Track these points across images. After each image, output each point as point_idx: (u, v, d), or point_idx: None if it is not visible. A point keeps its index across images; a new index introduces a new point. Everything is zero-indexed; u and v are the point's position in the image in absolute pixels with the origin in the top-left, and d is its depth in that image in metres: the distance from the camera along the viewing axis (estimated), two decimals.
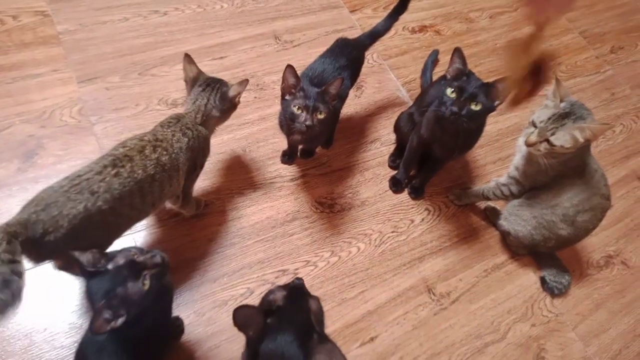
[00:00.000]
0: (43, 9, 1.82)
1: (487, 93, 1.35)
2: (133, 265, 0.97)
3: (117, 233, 1.22)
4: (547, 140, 1.32)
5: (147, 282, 0.97)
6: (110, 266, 0.97)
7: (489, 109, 1.38)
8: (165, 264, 1.02)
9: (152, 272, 0.98)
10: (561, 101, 1.33)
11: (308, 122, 1.33)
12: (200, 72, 1.38)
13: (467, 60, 1.41)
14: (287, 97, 1.38)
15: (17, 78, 1.65)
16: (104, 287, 0.95)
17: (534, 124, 1.37)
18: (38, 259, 1.12)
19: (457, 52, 1.39)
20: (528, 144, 1.36)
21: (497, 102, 1.37)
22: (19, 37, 1.74)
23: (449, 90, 1.37)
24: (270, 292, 1.02)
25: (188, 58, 1.37)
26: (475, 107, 1.34)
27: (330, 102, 1.39)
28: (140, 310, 0.97)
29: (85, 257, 0.97)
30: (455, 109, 1.34)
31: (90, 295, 0.97)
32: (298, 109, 1.34)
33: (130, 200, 1.14)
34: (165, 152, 1.20)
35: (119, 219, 1.16)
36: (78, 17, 1.84)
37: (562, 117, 1.30)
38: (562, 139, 1.30)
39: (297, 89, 1.36)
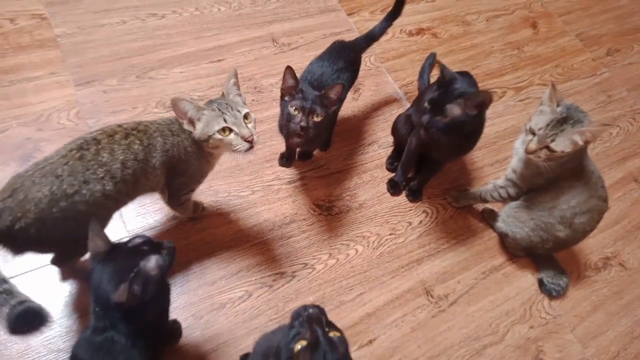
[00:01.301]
0: (40, 12, 1.82)
1: (462, 104, 1.34)
2: (151, 244, 1.03)
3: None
4: (547, 147, 1.32)
5: (167, 259, 1.02)
6: (129, 244, 1.03)
7: (460, 122, 1.35)
8: (175, 250, 1.06)
9: (168, 251, 1.04)
10: (557, 106, 1.34)
11: (303, 123, 1.33)
12: (226, 93, 1.25)
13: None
14: (286, 98, 1.38)
15: (14, 81, 1.65)
16: (122, 264, 0.97)
17: (532, 132, 1.36)
18: (16, 250, 1.10)
19: (440, 66, 1.41)
20: (528, 152, 1.36)
21: (474, 112, 1.35)
22: (16, 40, 1.74)
23: (426, 102, 1.39)
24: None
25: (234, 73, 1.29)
26: (444, 120, 1.35)
27: (330, 106, 1.39)
28: (153, 294, 0.99)
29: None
30: (425, 121, 1.37)
31: (99, 282, 0.98)
32: (295, 110, 1.34)
33: (101, 186, 1.10)
34: (138, 142, 1.16)
35: (91, 207, 1.09)
36: (76, 20, 1.84)
37: (561, 123, 1.30)
38: (563, 144, 1.30)
39: (296, 91, 1.37)
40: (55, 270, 1.36)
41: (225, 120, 1.16)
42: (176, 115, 1.19)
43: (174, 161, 1.23)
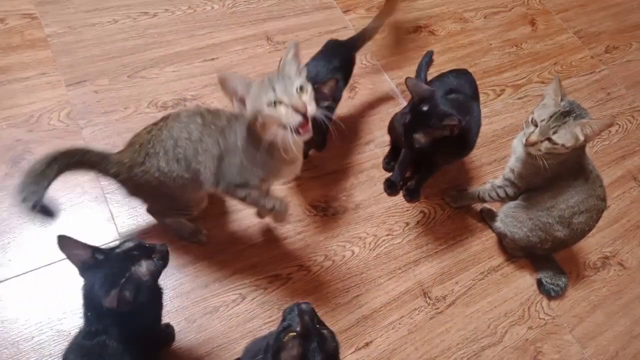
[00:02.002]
0: (31, 12, 1.79)
1: (427, 133, 1.36)
2: (143, 248, 1.01)
3: (168, 195, 1.23)
4: (548, 139, 1.30)
5: (159, 264, 1.01)
6: (118, 250, 1.00)
7: (442, 138, 1.36)
8: (168, 253, 1.05)
9: (160, 255, 1.02)
10: (561, 100, 1.32)
11: None
12: (282, 66, 1.13)
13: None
14: None
15: (4, 82, 1.62)
16: (113, 270, 0.96)
17: (534, 123, 1.34)
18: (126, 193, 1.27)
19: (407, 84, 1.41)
20: (529, 143, 1.33)
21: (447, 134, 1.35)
22: (6, 40, 1.71)
23: (400, 128, 1.42)
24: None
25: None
26: (421, 139, 1.36)
27: (323, 101, 1.36)
28: (145, 299, 0.99)
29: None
30: (406, 146, 1.41)
31: (90, 287, 0.98)
32: None
33: (157, 161, 1.15)
34: (200, 121, 1.16)
35: (160, 179, 1.17)
36: (66, 20, 1.81)
37: (564, 115, 1.28)
38: (564, 137, 1.28)
39: None
40: (49, 274, 1.34)
41: (274, 90, 1.01)
42: (225, 95, 1.08)
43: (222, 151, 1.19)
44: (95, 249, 1.00)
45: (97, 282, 0.96)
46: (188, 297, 1.39)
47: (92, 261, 0.98)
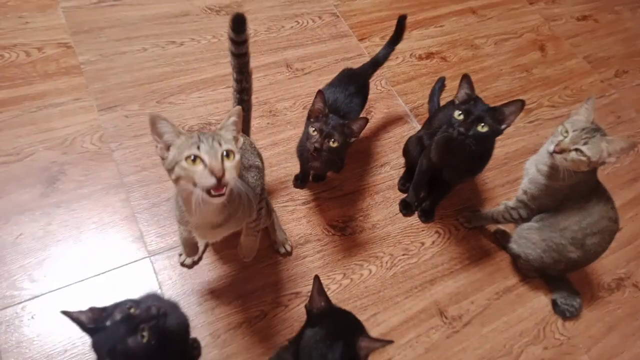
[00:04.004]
0: (66, 41, 1.91)
1: (493, 116, 1.39)
2: (130, 320, 0.96)
3: None
4: (576, 150, 1.35)
5: (146, 335, 0.95)
6: (108, 322, 0.97)
7: (495, 132, 1.41)
8: (161, 315, 1.00)
9: (149, 324, 0.97)
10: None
11: (317, 145, 1.38)
12: (219, 128, 1.09)
13: (473, 86, 1.46)
14: (311, 119, 1.44)
15: (40, 107, 1.72)
16: (106, 344, 0.95)
17: (564, 133, 1.39)
18: None
19: (466, 78, 1.44)
20: (560, 149, 1.37)
21: (503, 126, 1.41)
22: (43, 68, 1.82)
23: (456, 113, 1.41)
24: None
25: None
26: (482, 129, 1.38)
27: (350, 137, 1.43)
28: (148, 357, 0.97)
29: (85, 315, 0.98)
30: (462, 129, 1.39)
31: (95, 351, 0.99)
32: (314, 131, 1.40)
33: None
34: None
35: None
36: (99, 48, 1.92)
37: (593, 131, 1.35)
38: (592, 150, 1.34)
39: (322, 114, 1.42)
40: (81, 289, 1.40)
41: (198, 148, 0.97)
42: (151, 134, 1.02)
43: None
44: (91, 330, 0.98)
45: (102, 351, 0.97)
46: (213, 313, 1.44)
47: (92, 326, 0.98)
